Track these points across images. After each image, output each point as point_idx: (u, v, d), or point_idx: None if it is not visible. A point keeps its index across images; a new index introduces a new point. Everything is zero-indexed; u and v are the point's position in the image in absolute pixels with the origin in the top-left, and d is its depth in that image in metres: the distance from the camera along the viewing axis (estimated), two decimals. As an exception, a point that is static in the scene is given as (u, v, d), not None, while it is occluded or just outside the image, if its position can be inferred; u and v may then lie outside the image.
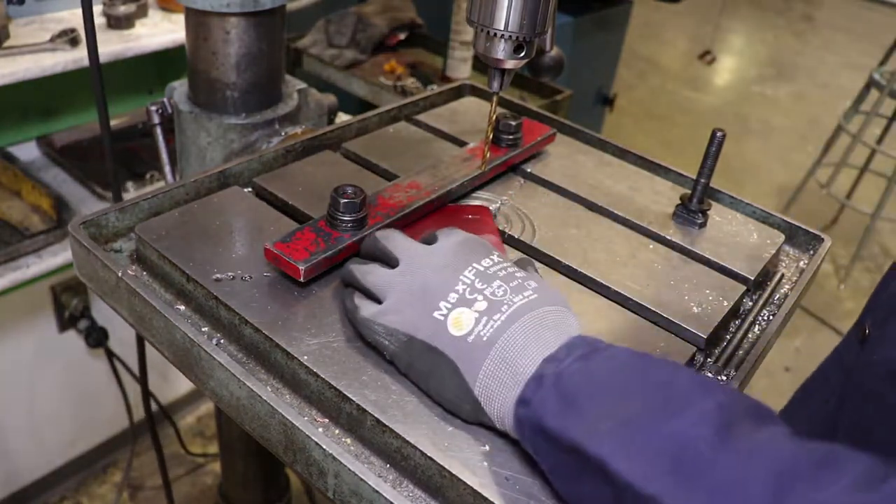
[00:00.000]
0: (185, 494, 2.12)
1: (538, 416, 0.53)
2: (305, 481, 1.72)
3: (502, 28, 0.72)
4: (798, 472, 0.44)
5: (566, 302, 0.62)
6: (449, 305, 0.61)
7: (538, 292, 0.61)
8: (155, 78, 1.65)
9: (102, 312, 1.89)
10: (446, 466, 0.57)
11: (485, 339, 0.58)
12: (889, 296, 0.70)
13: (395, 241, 0.69)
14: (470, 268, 0.63)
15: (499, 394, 0.57)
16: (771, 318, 0.83)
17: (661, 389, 0.51)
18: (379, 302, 0.66)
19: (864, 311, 0.74)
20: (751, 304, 0.85)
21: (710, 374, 0.72)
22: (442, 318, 0.60)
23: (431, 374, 0.61)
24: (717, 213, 0.96)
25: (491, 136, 0.90)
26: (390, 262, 0.68)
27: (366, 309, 0.66)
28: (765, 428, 0.49)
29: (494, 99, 0.82)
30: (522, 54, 0.74)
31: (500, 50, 0.74)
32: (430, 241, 0.69)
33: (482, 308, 0.59)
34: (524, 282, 0.62)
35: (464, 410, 0.60)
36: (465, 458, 0.58)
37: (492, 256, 0.65)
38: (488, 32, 0.73)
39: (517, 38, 0.72)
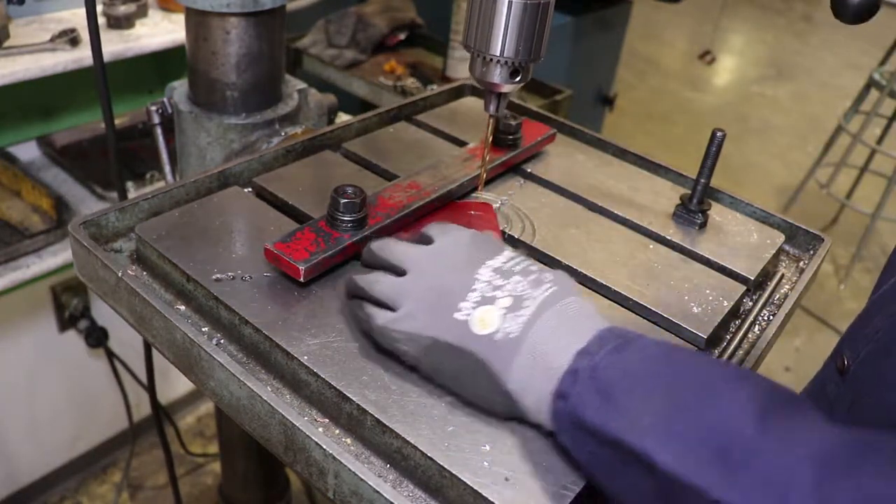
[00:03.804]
0: (186, 494, 2.12)
1: (577, 411, 0.54)
2: (305, 481, 1.72)
3: (498, 53, 0.73)
4: (837, 456, 0.45)
5: (580, 290, 0.63)
6: (471, 305, 0.60)
7: (556, 284, 0.61)
8: (155, 78, 1.65)
9: (102, 312, 1.89)
10: (446, 466, 0.57)
11: (512, 335, 0.58)
12: (874, 330, 0.69)
13: (395, 250, 0.68)
14: (484, 266, 0.63)
15: (534, 388, 0.57)
16: (771, 318, 0.83)
17: (696, 380, 0.52)
18: (392, 310, 0.65)
19: (843, 340, 0.74)
20: (751, 304, 0.85)
21: None
22: (465, 318, 0.60)
23: (460, 375, 0.61)
24: (717, 213, 0.96)
25: (489, 158, 0.90)
26: (395, 270, 0.67)
27: (381, 317, 0.64)
28: (801, 414, 0.49)
29: (490, 121, 0.82)
30: (518, 79, 0.75)
31: (497, 75, 0.75)
32: (425, 241, 0.68)
33: (506, 305, 0.60)
34: (540, 275, 0.62)
35: (498, 405, 0.60)
36: (465, 458, 0.58)
37: (504, 252, 0.65)
38: (484, 58, 0.74)
39: (513, 63, 0.73)
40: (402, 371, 0.65)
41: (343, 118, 1.23)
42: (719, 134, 0.87)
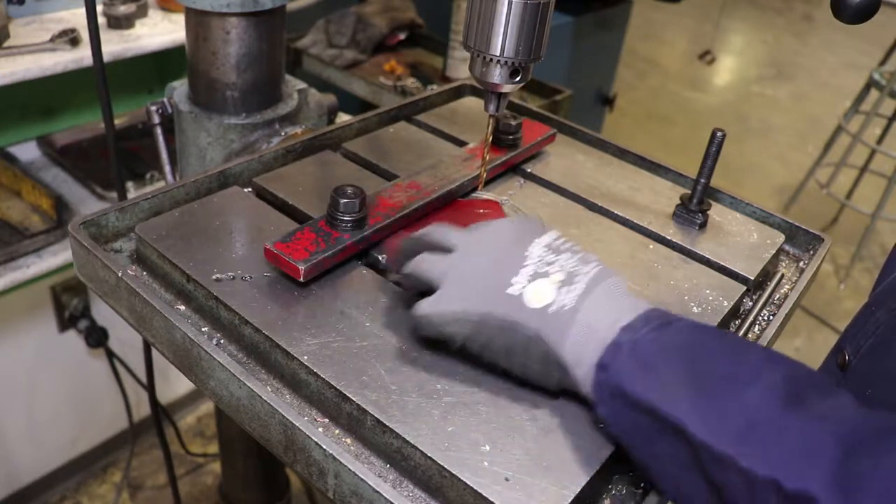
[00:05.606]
0: (186, 494, 2.12)
1: (617, 381, 0.57)
2: (305, 481, 1.72)
3: (498, 54, 0.73)
4: (863, 439, 0.47)
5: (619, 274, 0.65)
6: (524, 280, 0.62)
7: (601, 263, 0.64)
8: (155, 78, 1.65)
9: (102, 312, 1.89)
10: (446, 466, 0.57)
11: (567, 307, 0.60)
12: (875, 325, 0.69)
13: (441, 231, 0.69)
14: (534, 242, 0.64)
15: (585, 359, 0.59)
16: (771, 318, 0.83)
17: (732, 360, 0.55)
18: (432, 291, 0.65)
19: (844, 336, 0.74)
20: (751, 304, 0.85)
21: None
22: (517, 293, 0.61)
23: (513, 349, 0.62)
24: (717, 213, 0.96)
25: (489, 157, 0.90)
26: (442, 250, 0.68)
27: (422, 306, 0.65)
28: (830, 398, 0.52)
29: (490, 121, 0.83)
30: (518, 79, 0.75)
31: (497, 75, 0.75)
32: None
33: (559, 279, 0.61)
34: (586, 254, 0.65)
35: (551, 378, 0.62)
36: (464, 458, 0.58)
37: (551, 232, 0.66)
38: (484, 58, 0.74)
39: (513, 63, 0.73)
40: (401, 371, 0.66)
41: (343, 118, 1.23)
42: (719, 134, 0.87)
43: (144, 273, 0.79)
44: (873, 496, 0.44)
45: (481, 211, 0.88)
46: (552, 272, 0.62)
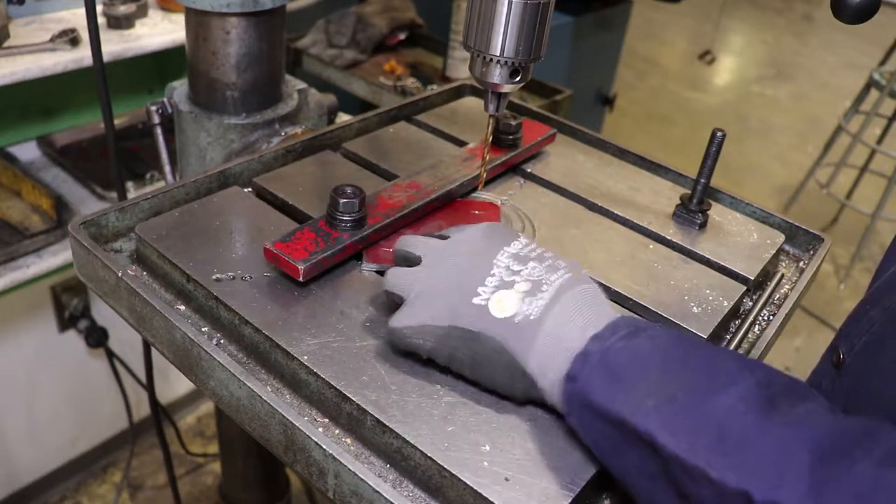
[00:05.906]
0: (186, 494, 2.12)
1: (586, 392, 0.55)
2: (305, 481, 1.72)
3: (498, 54, 0.73)
4: (834, 446, 0.46)
5: (591, 279, 0.64)
6: (489, 290, 0.61)
7: (570, 271, 0.63)
8: (155, 78, 1.65)
9: (102, 312, 1.89)
10: (446, 466, 0.57)
11: (532, 318, 0.59)
12: (869, 323, 0.70)
13: (413, 241, 0.70)
14: (502, 251, 0.64)
15: (551, 370, 0.58)
16: (771, 318, 0.83)
17: (704, 368, 0.54)
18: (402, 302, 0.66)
19: (839, 335, 0.74)
20: (751, 304, 0.85)
21: None
22: (483, 303, 0.61)
23: (477, 360, 0.61)
24: (716, 213, 0.96)
25: (489, 157, 0.90)
26: (413, 262, 0.68)
27: (390, 320, 0.65)
28: (803, 404, 0.51)
29: (490, 121, 0.83)
30: (518, 79, 0.75)
31: (497, 75, 0.75)
32: (442, 237, 0.70)
33: (524, 289, 0.60)
34: (555, 261, 0.64)
35: (517, 390, 0.61)
36: (465, 458, 0.58)
37: (519, 239, 0.66)
38: (484, 58, 0.74)
39: (513, 63, 0.73)
40: (402, 371, 0.66)
41: (343, 118, 1.23)
42: (719, 134, 0.87)
43: (144, 273, 0.79)
44: (845, 502, 0.43)
45: (477, 212, 0.88)
46: (517, 282, 0.61)
